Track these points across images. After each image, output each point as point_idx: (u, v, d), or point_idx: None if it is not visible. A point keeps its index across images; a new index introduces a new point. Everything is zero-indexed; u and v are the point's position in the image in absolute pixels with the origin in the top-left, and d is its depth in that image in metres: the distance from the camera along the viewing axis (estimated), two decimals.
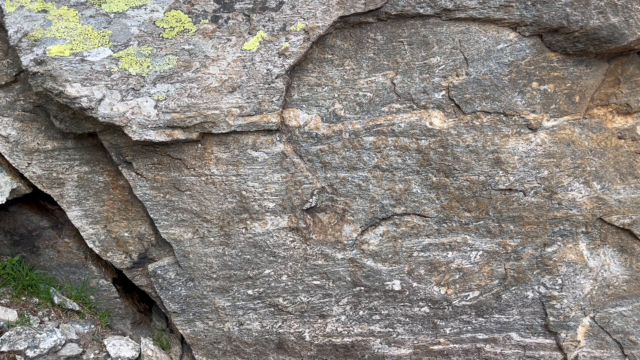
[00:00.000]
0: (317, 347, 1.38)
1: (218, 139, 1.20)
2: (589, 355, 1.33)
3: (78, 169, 1.28)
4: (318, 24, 1.12)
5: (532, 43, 1.16)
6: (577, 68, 1.17)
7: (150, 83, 1.12)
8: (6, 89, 1.25)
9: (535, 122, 1.18)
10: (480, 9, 1.13)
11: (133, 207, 1.31)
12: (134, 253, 1.36)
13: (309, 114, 1.21)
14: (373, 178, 1.23)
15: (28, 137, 1.26)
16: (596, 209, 1.22)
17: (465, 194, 1.23)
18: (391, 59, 1.18)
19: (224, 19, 1.13)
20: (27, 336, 1.19)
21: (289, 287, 1.32)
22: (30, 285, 1.36)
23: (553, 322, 1.30)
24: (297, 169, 1.22)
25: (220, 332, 1.38)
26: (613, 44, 1.11)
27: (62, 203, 1.30)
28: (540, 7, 1.11)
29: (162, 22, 1.12)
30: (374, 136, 1.21)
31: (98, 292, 1.44)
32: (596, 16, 1.09)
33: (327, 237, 1.28)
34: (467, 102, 1.18)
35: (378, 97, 1.20)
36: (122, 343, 1.34)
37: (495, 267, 1.28)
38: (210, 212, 1.25)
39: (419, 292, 1.31)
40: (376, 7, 1.12)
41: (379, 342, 1.37)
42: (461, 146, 1.20)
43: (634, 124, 1.21)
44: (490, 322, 1.33)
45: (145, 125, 1.13)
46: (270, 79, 1.14)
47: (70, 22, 1.11)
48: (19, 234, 1.40)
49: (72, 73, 1.10)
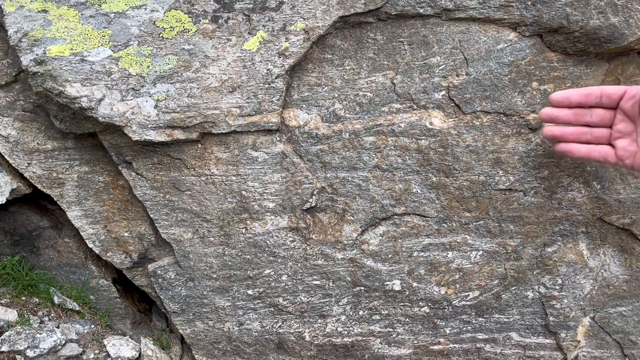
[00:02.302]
0: (317, 347, 1.38)
1: (218, 139, 1.20)
2: (589, 355, 1.33)
3: (78, 169, 1.28)
4: (318, 24, 1.12)
5: (532, 43, 1.16)
6: (577, 68, 1.17)
7: (150, 83, 1.12)
8: (6, 89, 1.25)
9: (536, 122, 1.18)
10: (480, 9, 1.13)
11: (133, 207, 1.31)
12: (134, 253, 1.36)
13: (309, 114, 1.21)
14: (373, 178, 1.23)
15: (28, 137, 1.26)
16: (596, 209, 1.22)
17: (465, 194, 1.23)
18: (391, 59, 1.18)
19: (224, 19, 1.13)
20: (27, 336, 1.19)
21: (289, 287, 1.32)
22: (30, 285, 1.36)
23: (553, 322, 1.30)
24: (297, 169, 1.22)
25: (220, 332, 1.38)
26: (613, 44, 1.11)
27: (62, 203, 1.30)
28: (540, 7, 1.11)
29: (162, 22, 1.12)
30: (374, 136, 1.21)
31: (98, 292, 1.44)
32: (596, 16, 1.09)
33: (327, 237, 1.28)
34: (467, 102, 1.18)
35: (378, 97, 1.20)
36: (122, 343, 1.34)
37: (495, 267, 1.28)
38: (210, 212, 1.25)
39: (419, 292, 1.31)
40: (376, 7, 1.12)
41: (379, 342, 1.37)
42: (461, 146, 1.20)
43: None
44: (490, 322, 1.33)
45: (145, 125, 1.13)
46: (270, 79, 1.14)
47: (70, 22, 1.11)
48: (19, 234, 1.40)
49: (72, 73, 1.10)
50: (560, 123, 0.99)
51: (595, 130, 0.96)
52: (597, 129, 0.96)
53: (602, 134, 0.95)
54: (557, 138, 0.99)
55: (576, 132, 0.97)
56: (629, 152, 0.91)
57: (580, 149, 0.97)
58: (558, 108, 0.98)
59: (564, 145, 0.99)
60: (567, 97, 0.96)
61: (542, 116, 1.00)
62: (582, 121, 0.96)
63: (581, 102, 0.96)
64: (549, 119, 0.99)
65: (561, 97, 0.97)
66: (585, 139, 0.97)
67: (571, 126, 0.98)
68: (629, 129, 0.91)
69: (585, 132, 0.97)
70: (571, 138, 0.97)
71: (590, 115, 0.96)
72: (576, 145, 0.98)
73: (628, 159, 0.92)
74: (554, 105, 0.99)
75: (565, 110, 0.97)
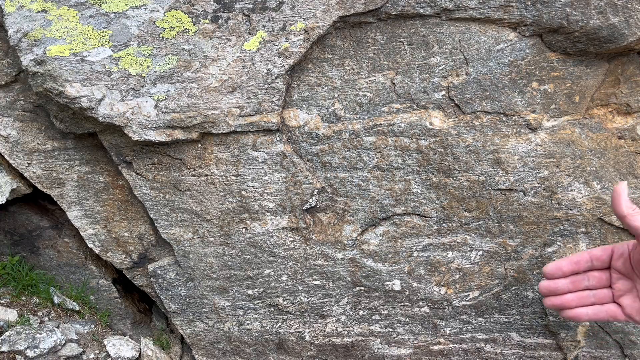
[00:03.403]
0: (317, 347, 1.38)
1: (218, 139, 1.19)
2: (589, 355, 1.33)
3: (78, 169, 1.28)
4: (318, 24, 1.12)
5: (532, 43, 1.16)
6: (577, 68, 1.17)
7: (150, 83, 1.12)
8: (6, 89, 1.25)
9: (535, 122, 1.18)
10: (480, 9, 1.13)
11: (133, 207, 1.31)
12: (134, 253, 1.36)
13: (309, 114, 1.21)
14: (373, 178, 1.23)
15: (28, 137, 1.26)
16: (596, 209, 1.22)
17: (465, 194, 1.23)
18: (391, 59, 1.18)
19: (224, 19, 1.13)
20: (27, 336, 1.19)
21: (289, 287, 1.32)
22: (30, 285, 1.36)
23: (553, 322, 1.30)
24: (297, 169, 1.22)
25: (220, 332, 1.38)
26: (613, 44, 1.11)
27: (62, 203, 1.30)
28: (540, 7, 1.11)
29: (162, 22, 1.12)
30: (374, 136, 1.21)
31: (98, 292, 1.44)
32: (596, 16, 1.09)
33: (327, 237, 1.27)
34: (467, 102, 1.18)
35: (378, 97, 1.20)
36: (122, 343, 1.34)
37: (495, 267, 1.28)
38: (210, 212, 1.25)
39: (419, 292, 1.31)
40: (376, 7, 1.12)
41: (379, 342, 1.37)
42: (461, 146, 1.20)
43: (634, 124, 1.21)
44: (490, 322, 1.33)
45: (145, 125, 1.13)
46: (270, 79, 1.14)
47: (70, 22, 1.11)
48: (19, 234, 1.40)
49: (72, 73, 1.10)
50: (559, 294, 0.98)
51: (597, 292, 0.95)
52: (599, 290, 0.95)
53: (605, 295, 0.94)
54: (559, 307, 0.99)
55: (577, 298, 0.96)
56: (635, 309, 0.90)
57: (587, 313, 0.96)
58: (554, 280, 0.98)
59: (569, 312, 0.98)
60: (559, 267, 0.96)
61: (542, 290, 0.99)
62: (581, 287, 0.96)
63: (573, 270, 0.95)
64: (549, 292, 0.99)
65: (554, 269, 0.97)
66: (590, 302, 0.96)
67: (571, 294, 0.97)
68: (628, 286, 0.90)
69: (587, 295, 0.96)
70: (574, 304, 0.96)
71: (587, 280, 0.95)
72: (582, 310, 0.96)
73: (637, 316, 0.90)
74: (548, 278, 0.98)
75: (562, 280, 0.97)
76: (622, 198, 0.85)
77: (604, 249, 0.93)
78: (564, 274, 0.96)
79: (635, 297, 0.90)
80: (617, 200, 0.85)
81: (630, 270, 0.88)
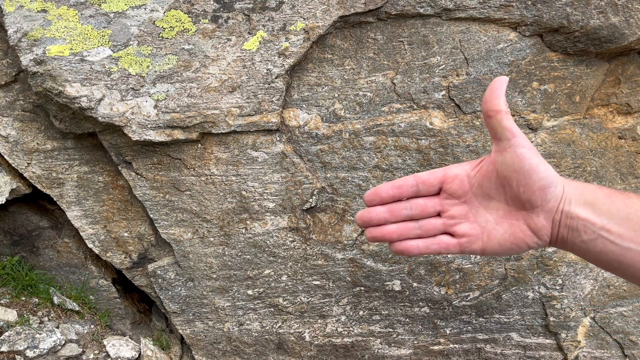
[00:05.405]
0: (317, 347, 1.37)
1: (218, 139, 1.19)
2: (589, 355, 1.33)
3: (78, 169, 1.28)
4: (318, 23, 1.12)
5: (532, 43, 1.16)
6: (577, 68, 1.17)
7: (150, 83, 1.12)
8: (6, 89, 1.25)
9: (536, 122, 1.18)
10: (480, 8, 1.13)
11: (133, 207, 1.31)
12: (134, 253, 1.35)
13: (309, 114, 1.21)
14: (373, 178, 1.23)
15: (28, 137, 1.26)
16: None
17: None
18: (391, 58, 1.18)
19: (224, 18, 1.13)
20: (26, 336, 1.19)
21: (289, 287, 1.32)
22: (30, 285, 1.36)
23: (553, 322, 1.30)
24: (297, 169, 1.22)
25: (220, 332, 1.38)
26: (613, 43, 1.11)
27: (61, 203, 1.30)
28: (540, 7, 1.11)
29: (162, 22, 1.12)
30: (374, 136, 1.21)
31: (98, 292, 1.44)
32: (596, 16, 1.09)
33: (327, 237, 1.27)
34: (467, 102, 1.18)
35: (378, 97, 1.19)
36: (121, 343, 1.33)
37: (496, 267, 1.28)
38: (210, 212, 1.25)
39: (419, 292, 1.31)
40: (376, 7, 1.12)
41: (379, 342, 1.36)
42: (461, 146, 1.20)
43: (634, 123, 1.21)
44: (491, 322, 1.33)
45: (145, 125, 1.13)
46: (270, 78, 1.14)
47: (70, 22, 1.11)
48: (18, 234, 1.40)
49: (71, 73, 1.09)
50: (375, 224, 0.81)
51: (423, 222, 0.80)
52: (426, 221, 0.80)
53: (434, 226, 0.80)
54: (380, 239, 0.82)
55: (400, 229, 0.81)
56: (473, 235, 0.77)
57: (418, 246, 0.80)
58: (370, 208, 0.81)
59: (397, 245, 0.81)
60: (377, 193, 0.79)
61: (357, 221, 0.82)
62: (401, 216, 0.80)
63: (394, 195, 0.79)
64: (362, 222, 0.81)
65: (372, 195, 0.80)
66: (415, 234, 0.80)
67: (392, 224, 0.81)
68: (463, 211, 0.77)
69: (412, 227, 0.80)
70: (396, 237, 0.81)
71: (409, 208, 0.80)
72: (412, 243, 0.80)
73: (475, 244, 0.77)
74: (367, 205, 0.82)
75: (378, 208, 0.80)
76: (501, 92, 0.72)
77: (433, 172, 0.78)
78: (382, 200, 0.80)
79: (473, 222, 0.77)
80: (494, 92, 0.69)
81: (467, 191, 0.75)
